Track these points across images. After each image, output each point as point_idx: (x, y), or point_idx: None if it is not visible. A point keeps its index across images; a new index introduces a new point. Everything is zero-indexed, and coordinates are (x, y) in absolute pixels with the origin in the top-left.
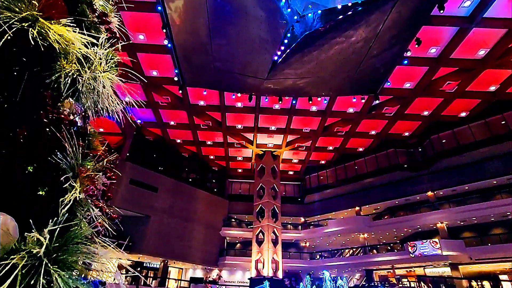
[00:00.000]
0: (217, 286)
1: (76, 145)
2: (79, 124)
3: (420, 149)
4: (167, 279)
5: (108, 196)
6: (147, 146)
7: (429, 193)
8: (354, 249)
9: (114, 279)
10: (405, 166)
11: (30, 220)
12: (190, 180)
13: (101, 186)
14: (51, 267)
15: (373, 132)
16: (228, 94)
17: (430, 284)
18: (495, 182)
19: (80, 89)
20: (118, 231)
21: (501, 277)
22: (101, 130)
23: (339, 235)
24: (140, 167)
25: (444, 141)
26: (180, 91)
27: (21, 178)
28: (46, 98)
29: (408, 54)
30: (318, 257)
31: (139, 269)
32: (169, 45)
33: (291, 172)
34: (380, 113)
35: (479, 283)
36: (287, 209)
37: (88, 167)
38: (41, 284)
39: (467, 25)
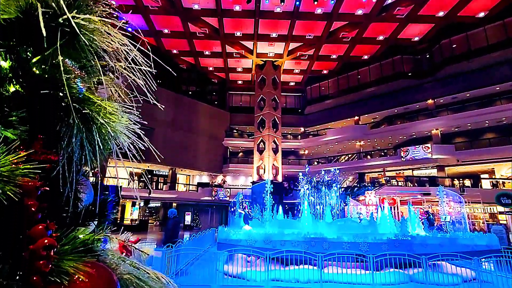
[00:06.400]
0: (222, 189)
1: None
2: None
3: (428, 55)
4: (176, 184)
5: None
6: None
7: (429, 101)
8: (349, 155)
9: (128, 184)
10: (410, 74)
11: None
12: (190, 93)
13: None
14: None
15: (381, 38)
16: None
17: (415, 183)
18: (498, 88)
19: None
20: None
21: (482, 176)
22: None
23: (336, 143)
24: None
25: (454, 46)
26: None
27: None
28: None
29: None
30: (315, 163)
31: (150, 176)
32: None
33: (292, 83)
34: (392, 14)
35: (461, 181)
36: (287, 120)
37: None
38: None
39: None
